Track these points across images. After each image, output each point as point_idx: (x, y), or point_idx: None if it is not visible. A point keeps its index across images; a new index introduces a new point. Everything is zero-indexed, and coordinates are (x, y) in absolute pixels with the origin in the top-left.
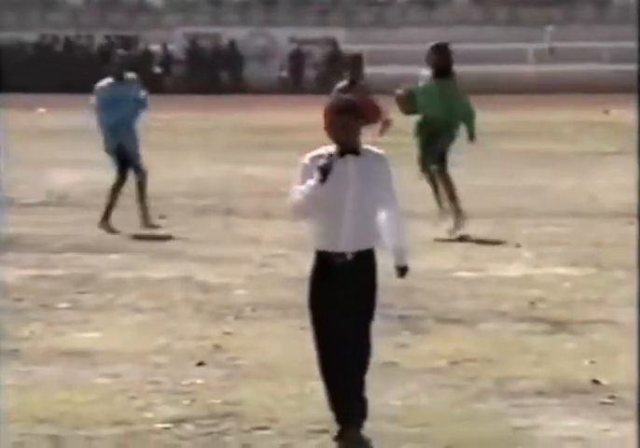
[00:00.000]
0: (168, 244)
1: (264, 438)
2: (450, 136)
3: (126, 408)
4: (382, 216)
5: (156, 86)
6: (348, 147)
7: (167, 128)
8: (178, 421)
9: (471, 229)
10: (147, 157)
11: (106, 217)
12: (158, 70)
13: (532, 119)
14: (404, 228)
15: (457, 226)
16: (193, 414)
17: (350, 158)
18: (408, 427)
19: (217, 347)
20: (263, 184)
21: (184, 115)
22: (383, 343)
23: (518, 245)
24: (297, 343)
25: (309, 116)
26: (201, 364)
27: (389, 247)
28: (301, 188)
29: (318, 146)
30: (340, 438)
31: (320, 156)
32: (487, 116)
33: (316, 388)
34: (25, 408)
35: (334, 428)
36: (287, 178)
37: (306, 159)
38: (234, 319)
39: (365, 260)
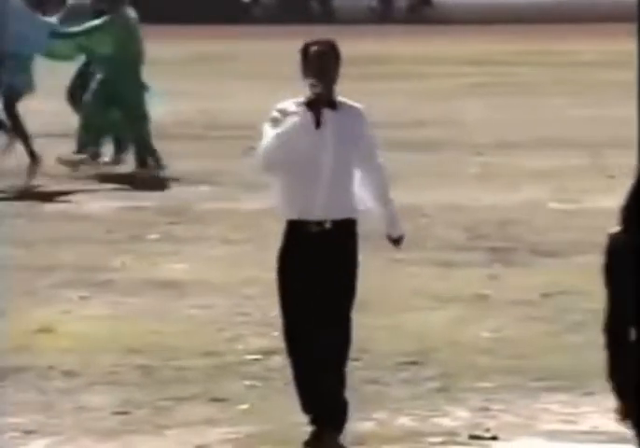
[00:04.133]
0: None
1: (354, 369)
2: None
3: (216, 339)
4: (365, 178)
5: (245, 15)
6: (324, 97)
7: (255, 57)
8: (267, 352)
9: (566, 159)
10: (237, 86)
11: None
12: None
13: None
14: (389, 191)
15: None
16: (282, 346)
17: (327, 113)
18: (499, 359)
19: None
20: None
21: (272, 44)
22: (475, 275)
23: (611, 176)
24: (389, 276)
25: (398, 46)
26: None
27: (379, 215)
28: (276, 131)
29: (406, 76)
30: (313, 441)
31: (290, 108)
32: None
33: (407, 321)
34: (117, 338)
35: (424, 360)
36: (377, 109)
37: (275, 111)
38: None
39: (345, 231)
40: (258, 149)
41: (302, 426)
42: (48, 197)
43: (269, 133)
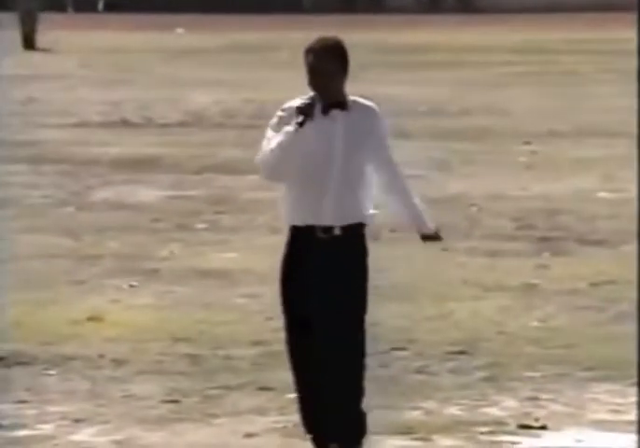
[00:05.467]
0: None
1: (401, 359)
2: None
3: (263, 328)
4: (385, 184)
5: (293, 6)
6: (331, 98)
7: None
8: None
9: (613, 148)
10: (283, 76)
11: None
12: None
13: None
14: (411, 189)
15: None
16: None
17: (336, 114)
18: (547, 349)
19: None
20: (399, 103)
21: (320, 34)
22: (523, 265)
23: None
24: (436, 265)
25: (446, 35)
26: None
27: (404, 217)
28: (273, 137)
29: (453, 65)
30: None
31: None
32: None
33: (455, 310)
34: (164, 327)
35: (472, 350)
36: (424, 98)
37: (280, 110)
38: (373, 241)
39: (354, 237)
40: (259, 155)
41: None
42: (95, 186)
43: (270, 136)
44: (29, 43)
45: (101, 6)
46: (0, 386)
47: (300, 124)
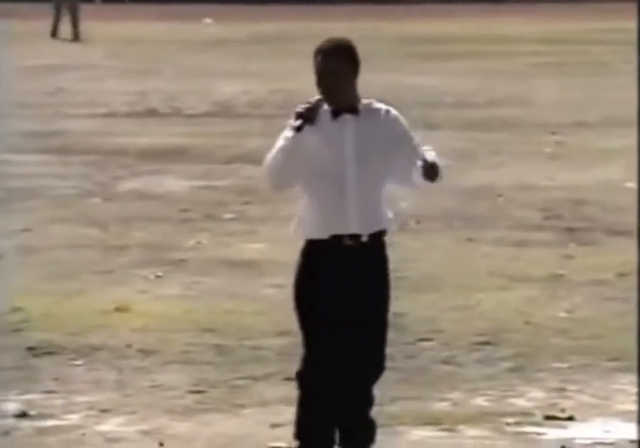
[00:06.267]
0: None
1: (427, 349)
2: None
3: (290, 319)
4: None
5: None
6: (340, 102)
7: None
8: None
9: (637, 140)
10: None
11: None
12: None
13: None
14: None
15: None
16: None
17: (346, 119)
18: (574, 340)
19: None
20: (425, 94)
21: (344, 24)
22: (550, 255)
23: None
24: (462, 255)
25: (471, 25)
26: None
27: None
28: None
29: (479, 56)
30: None
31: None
32: None
33: (481, 300)
34: (191, 317)
35: (498, 340)
36: (450, 88)
37: (293, 118)
38: (398, 231)
39: (379, 245)
40: (264, 164)
41: (382, 405)
42: (122, 176)
43: (278, 143)
44: (74, 35)
45: None
46: (28, 376)
47: (298, 129)
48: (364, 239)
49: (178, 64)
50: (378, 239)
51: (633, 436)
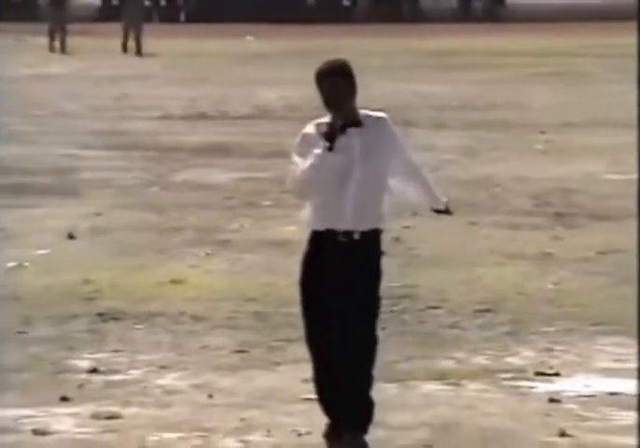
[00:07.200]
0: None
1: (436, 316)
2: None
3: None
4: (405, 173)
5: (346, 16)
6: (347, 117)
7: (354, 51)
8: None
9: (619, 137)
10: None
11: None
12: (347, 2)
13: None
14: (427, 176)
15: None
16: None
17: (354, 132)
18: (561, 308)
19: (397, 239)
20: (436, 99)
21: (369, 41)
22: (540, 236)
23: None
24: (465, 236)
25: (475, 41)
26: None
27: (421, 197)
28: (303, 160)
29: (482, 67)
30: (334, 441)
31: (311, 133)
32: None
33: (482, 274)
34: (235, 289)
35: (497, 308)
36: (457, 94)
37: (305, 128)
38: (411, 215)
39: (372, 242)
40: (289, 179)
41: (397, 363)
42: (177, 169)
43: (298, 161)
44: (137, 50)
45: (182, 17)
46: (98, 338)
47: (329, 149)
48: (356, 236)
49: (224, 74)
50: (371, 237)
51: (612, 389)
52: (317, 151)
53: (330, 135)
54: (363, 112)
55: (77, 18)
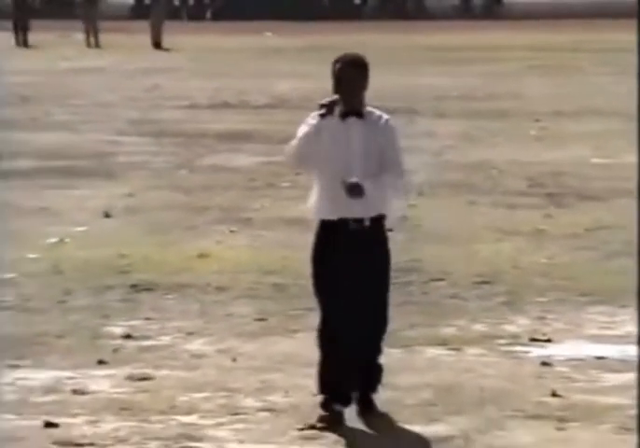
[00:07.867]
0: None
1: (439, 287)
2: None
3: None
4: (382, 170)
5: (356, 14)
6: (352, 106)
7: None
8: None
9: (605, 125)
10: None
11: None
12: (357, 1)
13: None
14: (400, 191)
15: None
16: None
17: (352, 121)
18: (552, 280)
19: (403, 217)
20: (438, 90)
21: (377, 36)
22: (534, 215)
23: None
24: (465, 215)
25: (475, 37)
26: (389, 230)
27: (377, 200)
28: (301, 132)
29: (481, 60)
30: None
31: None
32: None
33: (480, 249)
34: (256, 262)
35: (494, 280)
36: (457, 86)
37: (311, 117)
38: (417, 195)
39: (380, 228)
40: (286, 147)
41: (403, 330)
42: (203, 154)
43: (301, 130)
44: (156, 44)
45: (208, 15)
46: (131, 307)
47: (323, 115)
48: (366, 223)
49: (245, 67)
50: (379, 222)
51: (599, 354)
52: (311, 120)
53: (328, 105)
54: (370, 108)
55: (112, 16)
